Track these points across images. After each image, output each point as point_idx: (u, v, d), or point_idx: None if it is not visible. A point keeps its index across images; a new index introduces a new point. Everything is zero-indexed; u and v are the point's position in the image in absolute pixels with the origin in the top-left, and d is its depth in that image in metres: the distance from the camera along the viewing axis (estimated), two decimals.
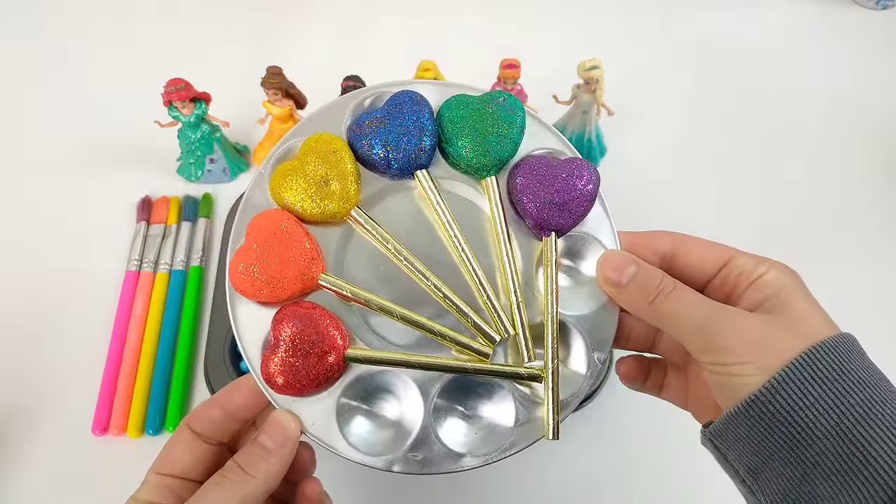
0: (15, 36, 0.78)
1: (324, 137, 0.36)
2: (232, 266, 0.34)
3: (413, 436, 0.34)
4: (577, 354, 0.36)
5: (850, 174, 0.68)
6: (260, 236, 0.34)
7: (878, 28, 0.79)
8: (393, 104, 0.36)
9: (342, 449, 0.33)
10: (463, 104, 0.37)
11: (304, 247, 0.34)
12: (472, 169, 0.36)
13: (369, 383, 0.34)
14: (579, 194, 0.36)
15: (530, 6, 0.81)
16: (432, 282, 0.35)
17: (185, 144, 0.62)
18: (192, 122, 0.60)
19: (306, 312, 0.33)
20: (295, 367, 0.32)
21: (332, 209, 0.35)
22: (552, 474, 0.52)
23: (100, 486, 0.52)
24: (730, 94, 0.74)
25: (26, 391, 0.55)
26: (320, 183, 0.35)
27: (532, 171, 0.36)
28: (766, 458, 0.29)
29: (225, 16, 0.80)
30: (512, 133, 0.36)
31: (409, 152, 0.35)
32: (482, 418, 0.35)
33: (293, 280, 0.33)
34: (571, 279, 0.37)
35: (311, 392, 0.33)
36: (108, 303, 0.58)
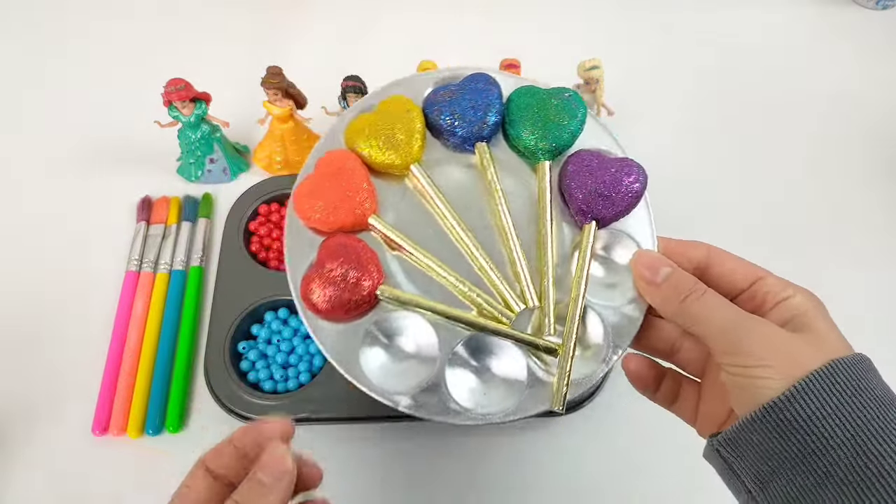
0: (15, 36, 0.78)
1: (401, 99, 0.40)
2: (297, 190, 0.38)
3: (425, 380, 0.36)
4: (595, 341, 0.37)
5: (850, 174, 0.68)
6: (327, 169, 0.38)
7: (878, 28, 0.79)
8: (468, 81, 0.40)
9: (356, 376, 0.36)
10: (531, 93, 0.40)
11: (363, 186, 0.38)
12: (529, 151, 0.39)
13: (394, 323, 0.37)
14: (625, 190, 0.38)
15: (530, 6, 0.81)
16: (471, 245, 0.38)
17: (185, 144, 0.62)
18: (191, 122, 0.60)
19: (351, 243, 0.37)
20: (331, 287, 0.35)
21: (395, 160, 0.38)
22: (552, 473, 0.52)
23: (100, 487, 0.52)
24: (730, 94, 0.74)
25: (26, 391, 0.55)
26: (389, 135, 0.38)
27: (584, 161, 0.39)
28: (777, 467, 0.29)
29: (225, 16, 0.80)
30: (572, 125, 0.39)
31: (474, 124, 0.39)
32: (493, 380, 0.37)
33: (346, 212, 0.37)
34: (604, 271, 0.39)
35: (340, 317, 0.36)
36: (108, 303, 0.58)
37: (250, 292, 0.57)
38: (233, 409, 0.52)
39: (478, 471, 0.53)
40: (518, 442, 0.54)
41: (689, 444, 0.54)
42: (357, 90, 0.58)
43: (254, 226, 0.61)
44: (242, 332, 0.56)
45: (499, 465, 0.53)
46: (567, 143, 0.39)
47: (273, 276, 0.58)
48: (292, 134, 0.62)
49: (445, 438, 0.54)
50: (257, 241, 0.61)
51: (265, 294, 0.57)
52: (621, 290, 0.38)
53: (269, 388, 0.54)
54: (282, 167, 0.65)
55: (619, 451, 0.53)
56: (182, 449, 0.53)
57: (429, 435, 0.54)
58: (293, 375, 0.54)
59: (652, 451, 0.53)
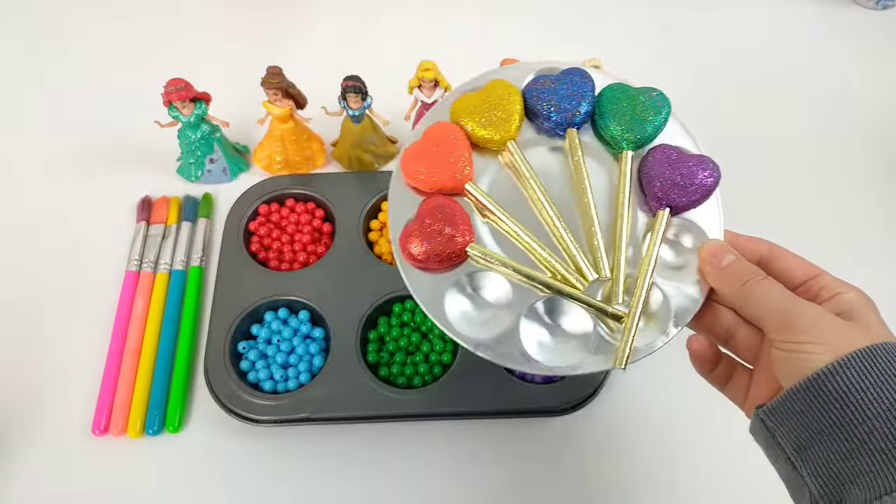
0: (15, 36, 0.78)
1: (504, 83, 0.44)
2: (406, 153, 0.42)
3: (500, 330, 0.40)
4: (658, 314, 0.41)
5: (850, 174, 0.68)
6: (434, 138, 0.43)
7: (878, 28, 0.79)
8: (566, 73, 0.45)
9: (440, 319, 0.40)
10: (622, 89, 0.44)
11: (464, 155, 0.42)
12: (615, 141, 0.43)
13: (479, 278, 0.41)
14: (700, 183, 0.41)
15: (530, 6, 0.81)
16: (554, 217, 0.41)
17: (185, 144, 0.62)
18: (191, 122, 0.60)
19: (448, 202, 0.41)
20: (428, 241, 0.40)
21: (494, 136, 0.43)
22: (552, 473, 0.52)
23: (100, 487, 0.52)
24: (730, 94, 0.74)
25: (27, 391, 0.55)
26: (490, 114, 0.43)
27: (664, 154, 0.42)
28: (816, 434, 0.32)
29: (225, 16, 0.80)
30: (656, 121, 0.43)
31: (568, 111, 0.43)
32: (562, 338, 0.40)
33: (447, 177, 0.42)
34: (672, 255, 0.42)
35: (432, 267, 0.40)
36: (108, 303, 0.58)
37: (250, 292, 0.57)
38: (233, 409, 0.52)
39: (478, 470, 0.53)
40: (518, 442, 0.54)
41: (689, 444, 0.54)
42: (357, 90, 0.58)
43: (254, 226, 0.61)
44: (242, 332, 0.56)
45: (499, 464, 0.53)
46: (650, 137, 0.43)
47: (273, 276, 0.58)
48: (292, 134, 0.62)
49: (446, 438, 0.54)
50: (257, 241, 0.61)
51: (265, 294, 0.57)
52: (686, 273, 0.41)
53: (269, 388, 0.54)
54: (282, 167, 0.65)
55: (618, 450, 0.53)
56: (182, 449, 0.53)
57: (429, 434, 0.54)
58: (293, 375, 0.54)
59: (651, 451, 0.53)
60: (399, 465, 0.53)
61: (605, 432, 0.54)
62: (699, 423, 0.54)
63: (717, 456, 0.53)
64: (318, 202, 0.63)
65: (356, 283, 0.58)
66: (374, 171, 0.66)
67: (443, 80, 0.59)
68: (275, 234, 0.61)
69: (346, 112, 0.61)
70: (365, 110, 0.61)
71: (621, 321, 0.40)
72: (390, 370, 0.54)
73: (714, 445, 0.53)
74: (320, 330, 0.57)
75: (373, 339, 0.56)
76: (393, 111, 0.63)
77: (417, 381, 0.54)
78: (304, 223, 0.62)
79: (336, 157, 0.66)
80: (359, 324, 0.55)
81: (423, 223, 0.40)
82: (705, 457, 0.53)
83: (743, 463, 0.53)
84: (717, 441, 0.54)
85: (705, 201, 0.42)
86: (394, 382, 0.54)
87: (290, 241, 0.61)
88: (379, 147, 0.65)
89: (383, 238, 0.61)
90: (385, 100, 0.61)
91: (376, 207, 0.63)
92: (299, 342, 0.56)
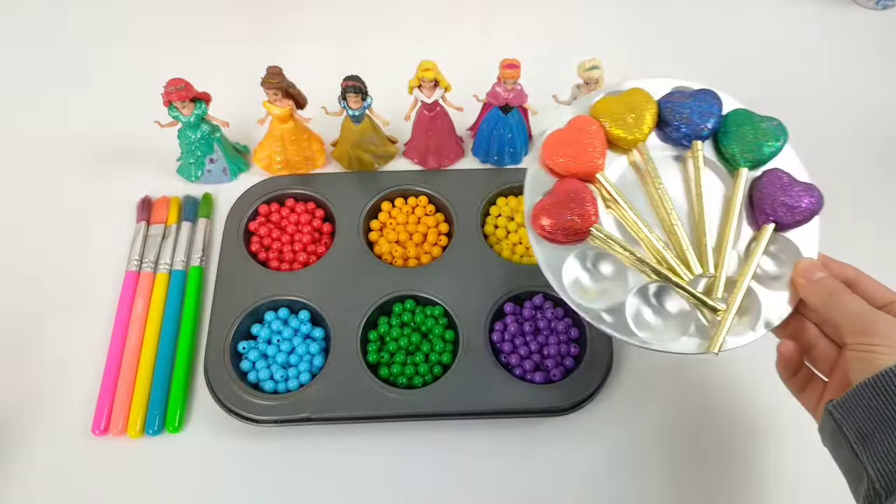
0: (15, 36, 0.78)
1: (642, 91, 0.50)
2: (548, 138, 0.48)
3: (611, 303, 0.45)
4: (751, 312, 0.46)
5: (849, 174, 0.68)
6: (575, 128, 0.48)
7: (879, 28, 0.79)
8: (700, 92, 0.50)
9: (559, 285, 0.46)
10: (747, 114, 0.50)
11: (598, 148, 0.48)
12: (734, 159, 0.49)
13: (599, 254, 0.47)
14: (805, 207, 0.47)
15: (530, 6, 0.81)
16: (670, 214, 0.47)
17: (185, 144, 0.62)
18: (191, 122, 0.60)
19: (581, 186, 0.47)
20: (557, 216, 0.45)
21: (626, 136, 0.48)
22: (552, 473, 0.52)
23: (100, 487, 0.52)
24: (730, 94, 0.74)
25: (26, 391, 0.55)
26: (624, 116, 0.49)
27: (777, 176, 0.48)
28: (879, 424, 0.36)
29: (225, 16, 0.80)
30: (774, 146, 0.49)
31: (697, 125, 0.49)
32: (663, 319, 0.46)
33: (583, 163, 0.47)
34: (771, 265, 0.47)
35: (558, 240, 0.46)
36: (108, 303, 0.59)
37: (250, 292, 0.57)
38: (233, 409, 0.53)
39: (478, 470, 0.53)
40: (519, 441, 0.54)
41: (688, 444, 0.54)
42: (357, 90, 0.58)
43: (254, 226, 0.61)
44: (242, 331, 0.56)
45: (499, 464, 0.53)
46: (766, 159, 0.49)
47: (273, 276, 0.59)
48: (292, 134, 0.63)
49: (446, 437, 0.54)
50: (257, 241, 0.61)
51: (265, 294, 0.57)
52: (780, 283, 0.46)
53: (269, 388, 0.54)
54: (282, 167, 0.65)
55: (618, 450, 0.53)
56: (182, 449, 0.53)
57: (429, 434, 0.54)
58: (293, 375, 0.54)
59: (651, 450, 0.53)
60: (399, 465, 0.53)
61: (604, 432, 0.54)
62: (698, 423, 0.55)
63: (717, 455, 0.53)
64: (319, 202, 0.63)
65: (356, 283, 0.58)
66: (374, 171, 0.66)
67: (443, 80, 0.59)
68: (275, 234, 0.61)
69: (346, 112, 0.61)
70: (365, 110, 0.61)
71: (717, 313, 0.45)
72: (390, 370, 0.54)
73: (713, 445, 0.54)
74: (320, 330, 0.57)
75: (373, 339, 0.56)
76: (393, 111, 0.63)
77: (418, 381, 0.54)
78: (305, 223, 0.62)
79: (336, 158, 0.66)
80: (359, 324, 0.55)
81: (557, 200, 0.46)
82: (705, 456, 0.53)
83: (743, 463, 0.53)
84: (716, 441, 0.54)
85: (806, 223, 0.48)
86: (394, 382, 0.54)
87: (291, 241, 0.61)
88: (379, 147, 0.65)
89: (383, 238, 0.61)
90: (385, 100, 0.61)
91: (376, 207, 0.63)
92: (299, 342, 0.56)
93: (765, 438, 0.54)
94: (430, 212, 0.63)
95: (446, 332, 0.56)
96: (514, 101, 0.61)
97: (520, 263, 0.59)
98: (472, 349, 0.54)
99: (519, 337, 0.56)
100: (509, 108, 0.62)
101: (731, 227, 0.47)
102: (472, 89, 0.61)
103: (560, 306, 0.57)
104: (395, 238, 0.61)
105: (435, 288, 0.57)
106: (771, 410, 0.55)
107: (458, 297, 0.57)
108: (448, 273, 0.58)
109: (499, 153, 0.65)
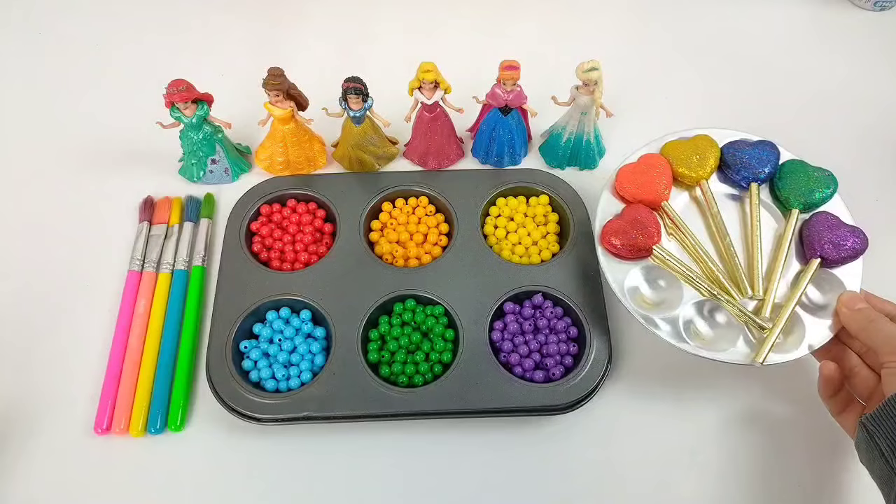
0: (16, 36, 0.79)
1: (709, 138, 0.59)
2: (622, 169, 0.57)
3: (669, 314, 0.52)
4: (795, 333, 0.52)
5: (848, 175, 0.68)
6: (646, 162, 0.57)
7: (876, 29, 0.80)
8: (760, 142, 0.58)
9: (621, 294, 0.52)
10: (801, 164, 0.58)
11: (665, 181, 0.56)
12: (787, 201, 0.56)
13: (659, 271, 0.54)
14: (850, 246, 0.53)
15: (530, 7, 0.81)
16: (725, 243, 0.55)
17: (188, 145, 0.63)
18: (193, 123, 0.61)
19: (646, 211, 0.55)
20: (624, 235, 0.53)
21: (691, 174, 0.57)
22: (551, 471, 0.53)
23: (103, 485, 0.52)
24: (729, 95, 0.74)
25: (29, 391, 0.55)
26: (692, 157, 0.57)
27: (826, 218, 0.55)
28: None
29: (226, 17, 0.80)
30: (825, 193, 0.56)
31: (756, 169, 0.57)
32: (713, 330, 0.53)
33: (650, 192, 0.56)
34: (816, 295, 0.53)
35: (623, 256, 0.54)
36: (110, 302, 0.59)
37: (252, 292, 0.57)
38: (235, 407, 0.53)
39: (477, 469, 0.53)
40: (518, 440, 0.54)
41: (688, 444, 0.55)
42: (358, 91, 0.58)
43: (255, 226, 0.62)
44: (244, 331, 0.57)
45: (499, 462, 0.53)
46: (816, 204, 0.56)
47: (275, 275, 0.59)
48: (294, 135, 0.63)
49: (446, 436, 0.54)
50: (259, 242, 0.61)
51: (267, 294, 0.57)
52: (824, 312, 0.52)
53: (271, 387, 0.54)
54: (283, 168, 0.65)
55: (618, 450, 0.54)
56: (185, 448, 0.53)
57: (430, 433, 0.54)
58: (295, 374, 0.55)
59: (651, 450, 0.54)
60: (400, 464, 0.53)
61: (604, 431, 0.54)
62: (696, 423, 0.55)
63: (717, 455, 0.54)
64: (320, 202, 0.63)
65: (357, 283, 0.58)
66: (374, 172, 0.66)
67: (443, 82, 0.59)
68: (276, 234, 0.61)
69: (347, 113, 0.61)
70: (366, 111, 0.61)
71: (763, 331, 0.51)
72: (391, 369, 0.55)
73: (712, 444, 0.54)
74: (322, 329, 0.57)
75: (374, 339, 0.56)
76: (393, 112, 0.63)
77: (418, 381, 0.54)
78: (306, 223, 0.62)
79: (337, 158, 0.67)
80: (360, 323, 0.56)
81: (626, 222, 0.54)
82: (704, 456, 0.54)
83: (741, 462, 0.54)
84: (715, 440, 0.54)
85: (851, 262, 0.53)
86: (395, 381, 0.55)
87: (292, 242, 0.61)
88: (379, 148, 0.65)
89: (384, 238, 0.62)
90: (385, 101, 0.62)
91: (377, 208, 0.63)
92: (301, 341, 0.56)
93: (764, 438, 0.54)
94: (430, 212, 0.63)
95: (446, 331, 0.56)
96: (513, 102, 0.61)
97: (519, 263, 0.60)
98: (472, 348, 0.55)
99: (519, 336, 0.56)
100: (509, 110, 0.62)
101: (782, 258, 0.53)
102: (472, 90, 0.62)
103: (560, 305, 0.58)
104: (396, 238, 0.61)
105: (435, 287, 0.58)
106: (771, 413, 0.55)
107: (459, 297, 0.57)
108: (448, 273, 0.59)
109: (498, 154, 0.65)
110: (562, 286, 0.57)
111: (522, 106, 0.63)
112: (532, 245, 0.61)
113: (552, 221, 0.63)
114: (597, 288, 0.57)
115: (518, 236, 0.61)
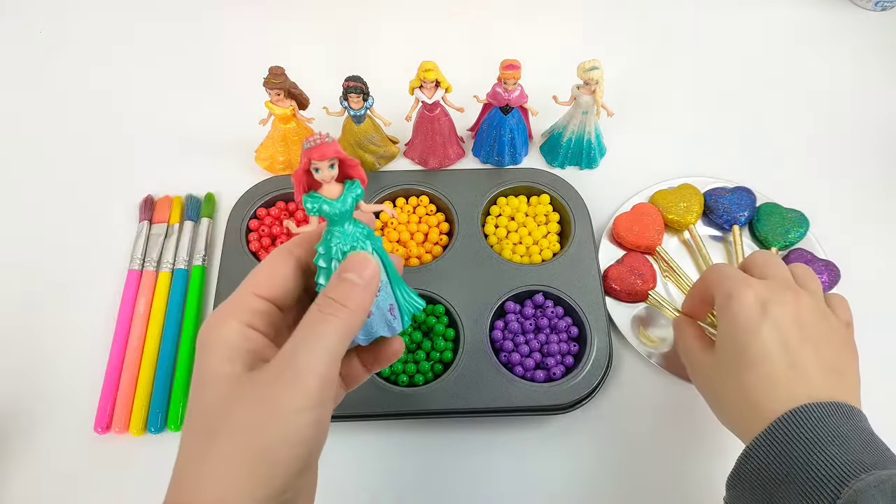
0: (16, 35, 0.79)
1: (692, 187, 0.64)
2: (618, 218, 0.62)
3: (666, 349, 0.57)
4: None
5: (848, 175, 0.68)
6: (638, 211, 0.62)
7: (877, 29, 0.80)
8: (737, 189, 0.64)
9: (623, 331, 0.57)
10: (776, 207, 0.63)
11: (657, 228, 0.61)
12: (766, 240, 0.62)
13: (654, 312, 0.59)
14: (825, 280, 0.58)
15: (530, 7, 0.81)
16: None
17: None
18: (360, 115, 0.61)
19: (642, 258, 0.60)
20: (624, 280, 0.58)
21: (679, 220, 0.62)
22: (553, 470, 0.53)
23: (102, 485, 0.52)
24: (729, 94, 0.74)
25: (28, 390, 0.55)
26: (678, 204, 0.63)
27: (801, 255, 0.60)
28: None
29: (226, 17, 0.80)
30: (799, 231, 0.61)
31: (735, 213, 0.62)
32: None
33: (645, 238, 0.61)
34: None
35: (622, 299, 0.58)
36: (110, 301, 0.59)
37: None
38: None
39: (479, 467, 0.53)
40: (518, 440, 0.54)
41: (687, 444, 0.55)
42: (358, 90, 0.58)
43: (255, 225, 0.62)
44: None
45: (501, 461, 0.53)
46: (792, 242, 0.61)
47: None
48: (295, 134, 0.63)
49: (447, 435, 0.54)
50: (259, 241, 0.61)
51: None
52: None
53: None
54: (284, 167, 0.65)
55: (618, 449, 0.54)
56: None
57: (430, 431, 0.54)
58: None
59: (651, 449, 0.54)
60: (400, 463, 0.53)
61: (604, 431, 0.54)
62: (695, 424, 0.55)
63: (716, 454, 0.53)
64: None
65: None
66: (375, 171, 0.66)
67: (444, 81, 0.59)
68: (277, 232, 0.61)
69: (348, 112, 0.61)
70: (366, 111, 0.61)
71: None
72: (392, 368, 0.55)
73: (711, 444, 0.54)
74: None
75: None
76: (394, 112, 0.63)
77: (419, 380, 0.54)
78: (306, 223, 0.62)
79: None
80: None
81: (624, 269, 0.59)
82: (705, 456, 0.54)
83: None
84: (714, 440, 0.54)
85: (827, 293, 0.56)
86: (395, 380, 0.54)
87: None
88: (380, 147, 0.65)
89: (385, 238, 0.61)
90: (386, 100, 0.62)
91: None
92: None
93: None
94: (431, 211, 0.63)
95: (447, 330, 0.56)
96: (514, 101, 0.61)
97: (520, 263, 0.60)
98: (473, 347, 0.55)
99: (520, 335, 0.56)
100: (510, 109, 0.62)
101: None
102: (473, 90, 0.62)
103: (560, 305, 0.58)
104: (397, 237, 0.61)
105: (436, 287, 0.58)
106: None
107: (460, 296, 0.57)
108: (449, 272, 0.59)
109: (499, 153, 0.65)
110: (563, 286, 0.57)
111: (523, 105, 0.63)
112: (533, 244, 0.61)
113: (553, 221, 0.63)
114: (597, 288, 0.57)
115: (519, 236, 0.61)
